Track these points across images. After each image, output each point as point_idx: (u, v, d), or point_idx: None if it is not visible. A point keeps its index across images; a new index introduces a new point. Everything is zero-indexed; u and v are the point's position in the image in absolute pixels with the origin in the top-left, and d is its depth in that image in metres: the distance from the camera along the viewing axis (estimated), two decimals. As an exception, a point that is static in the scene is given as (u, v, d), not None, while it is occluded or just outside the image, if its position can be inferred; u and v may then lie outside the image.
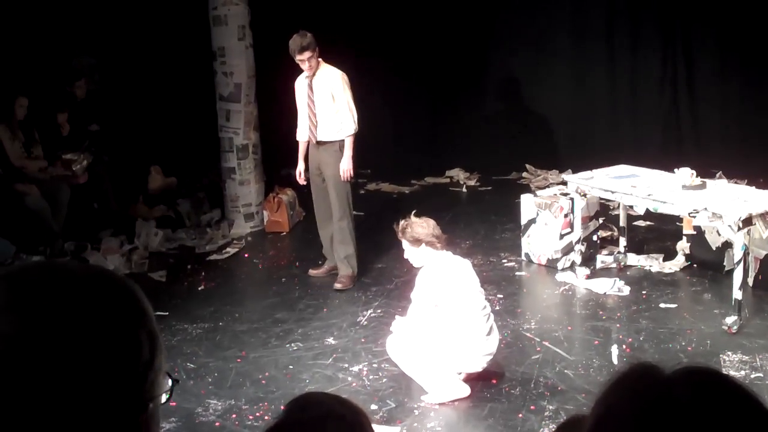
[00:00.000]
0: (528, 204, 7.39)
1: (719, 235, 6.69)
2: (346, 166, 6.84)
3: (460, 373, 5.10)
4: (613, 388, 1.21)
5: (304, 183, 7.17)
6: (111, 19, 10.01)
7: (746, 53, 9.54)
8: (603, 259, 7.19)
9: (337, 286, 6.99)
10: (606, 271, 7.03)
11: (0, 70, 8.66)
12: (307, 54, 6.68)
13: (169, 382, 1.21)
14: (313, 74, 6.83)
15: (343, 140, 6.87)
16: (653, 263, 7.17)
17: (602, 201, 7.42)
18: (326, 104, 6.84)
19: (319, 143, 6.93)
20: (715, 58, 9.81)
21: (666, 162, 7.48)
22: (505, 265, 7.41)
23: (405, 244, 5.25)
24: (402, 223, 5.30)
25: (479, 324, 5.05)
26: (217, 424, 4.89)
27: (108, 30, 10.03)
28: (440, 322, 5.03)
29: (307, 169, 7.10)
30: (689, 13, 9.79)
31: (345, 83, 6.84)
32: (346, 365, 5.56)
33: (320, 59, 6.84)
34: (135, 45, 10.18)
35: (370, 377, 5.38)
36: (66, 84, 9.00)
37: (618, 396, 1.20)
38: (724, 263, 6.79)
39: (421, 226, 5.17)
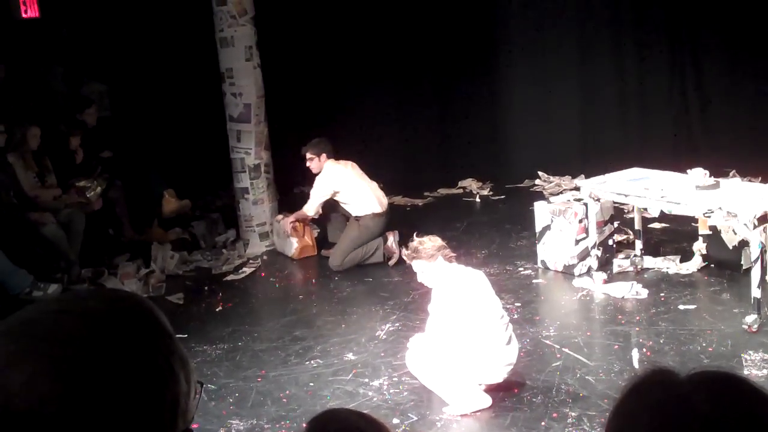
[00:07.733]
0: (542, 211, 7.37)
1: (735, 233, 6.66)
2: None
3: (480, 384, 5.09)
4: (629, 397, 1.19)
5: None
6: (119, 46, 10.08)
7: (754, 49, 9.48)
8: (619, 263, 7.16)
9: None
10: (623, 275, 7.01)
11: (12, 100, 8.72)
12: (307, 156, 7.93)
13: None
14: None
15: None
16: (670, 265, 7.14)
17: (616, 205, 7.40)
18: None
19: None
20: (722, 55, 9.76)
21: (678, 163, 7.45)
22: (522, 273, 7.39)
23: (414, 267, 5.25)
24: (405, 250, 5.37)
25: (498, 334, 5.03)
26: (240, 444, 4.90)
27: (116, 56, 10.10)
28: (459, 333, 5.02)
29: None
30: (696, 12, 9.76)
31: (318, 182, 7.93)
32: (367, 380, 5.56)
33: (326, 160, 7.90)
34: (143, 70, 10.25)
35: (391, 391, 5.37)
36: (77, 111, 9.05)
37: (635, 406, 1.18)
38: (742, 262, 6.75)
39: (422, 243, 5.17)
